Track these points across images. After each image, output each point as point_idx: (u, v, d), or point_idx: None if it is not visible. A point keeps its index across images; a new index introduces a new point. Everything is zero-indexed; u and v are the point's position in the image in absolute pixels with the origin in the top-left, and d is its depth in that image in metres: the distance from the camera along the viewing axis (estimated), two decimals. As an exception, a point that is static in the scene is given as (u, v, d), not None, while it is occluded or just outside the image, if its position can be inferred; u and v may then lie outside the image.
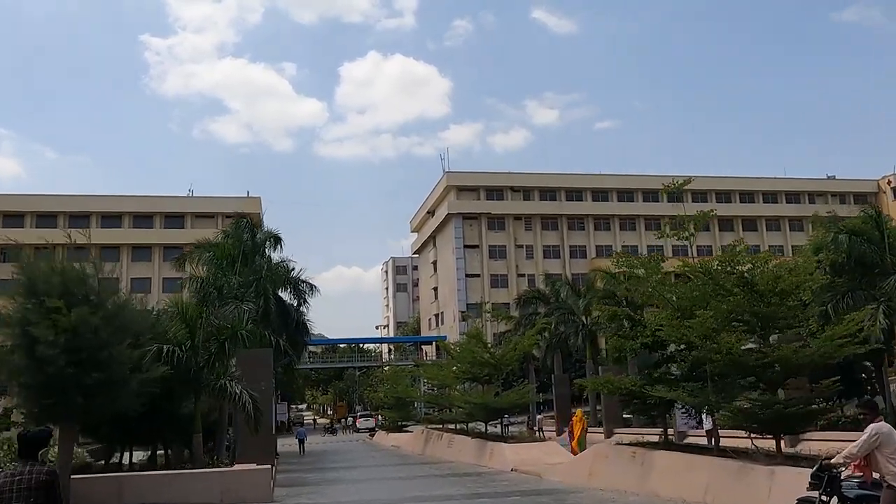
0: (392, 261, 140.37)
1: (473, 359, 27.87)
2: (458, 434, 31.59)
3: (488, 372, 28.96)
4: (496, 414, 27.10)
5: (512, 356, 26.96)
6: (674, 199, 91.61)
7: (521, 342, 27.01)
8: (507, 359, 27.00)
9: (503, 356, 26.88)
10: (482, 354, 27.66)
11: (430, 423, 43.72)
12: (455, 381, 32.15)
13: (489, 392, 26.64)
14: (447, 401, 32.50)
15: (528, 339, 27.14)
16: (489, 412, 26.89)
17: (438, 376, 34.85)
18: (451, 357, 31.11)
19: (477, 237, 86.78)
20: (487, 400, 25.96)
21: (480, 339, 27.55)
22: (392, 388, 48.45)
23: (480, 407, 26.49)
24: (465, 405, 27.53)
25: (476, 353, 27.77)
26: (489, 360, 27.21)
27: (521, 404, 27.08)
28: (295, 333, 37.44)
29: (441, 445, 33.13)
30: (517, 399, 26.16)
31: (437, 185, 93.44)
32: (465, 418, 30.67)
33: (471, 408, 27.27)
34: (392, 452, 41.27)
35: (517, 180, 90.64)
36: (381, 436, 54.94)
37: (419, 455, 36.27)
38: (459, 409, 29.58)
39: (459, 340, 37.42)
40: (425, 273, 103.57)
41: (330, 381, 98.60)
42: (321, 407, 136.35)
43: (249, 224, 31.18)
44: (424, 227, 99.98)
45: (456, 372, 30.84)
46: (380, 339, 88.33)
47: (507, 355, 26.90)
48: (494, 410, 26.64)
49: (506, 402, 26.02)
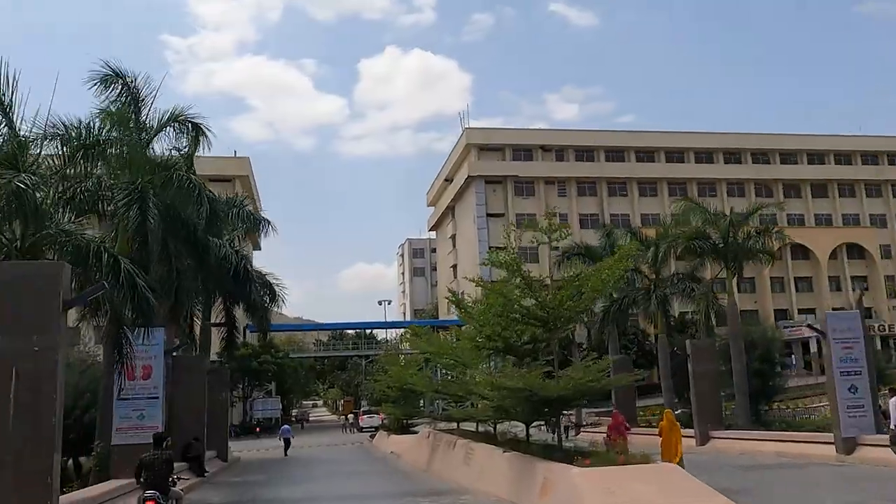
0: (408, 243, 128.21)
1: (506, 311, 15.55)
2: (481, 442, 19.41)
3: (532, 337, 16.70)
4: (549, 408, 14.77)
5: (577, 305, 14.60)
6: (732, 161, 79.15)
7: (599, 275, 14.56)
8: (567, 309, 14.66)
9: (560, 303, 14.54)
10: (523, 301, 15.36)
11: (437, 423, 31.56)
12: (476, 357, 19.83)
13: (535, 371, 14.34)
14: (463, 388, 20.33)
15: (615, 266, 14.56)
16: (535, 405, 14.53)
17: (447, 351, 22.56)
18: (469, 316, 18.86)
19: (502, 204, 74.32)
20: (533, 383, 13.60)
21: (519, 270, 15.21)
22: (395, 376, 36.41)
23: (521, 396, 14.09)
24: (494, 394, 14.95)
25: (513, 299, 15.45)
26: (537, 311, 14.86)
27: (590, 391, 14.59)
28: (240, 291, 25.43)
29: (454, 458, 20.98)
30: (587, 381, 13.75)
31: (455, 146, 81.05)
32: (492, 416, 18.43)
33: (504, 398, 14.85)
34: (383, 465, 29.18)
35: (548, 138, 78.02)
36: (380, 438, 42.85)
37: (421, 471, 24.14)
38: (484, 400, 17.05)
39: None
40: (443, 250, 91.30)
41: (332, 371, 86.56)
42: (333, 403, 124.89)
43: (132, 90, 18.92)
44: (442, 199, 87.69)
45: (479, 340, 18.50)
46: (385, 323, 76.06)
47: (565, 302, 14.52)
48: (546, 402, 14.31)
49: (567, 388, 13.69)
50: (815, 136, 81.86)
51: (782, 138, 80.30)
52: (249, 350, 63.07)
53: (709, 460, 21.76)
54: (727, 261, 28.29)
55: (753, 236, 28.33)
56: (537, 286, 15.39)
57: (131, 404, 16.32)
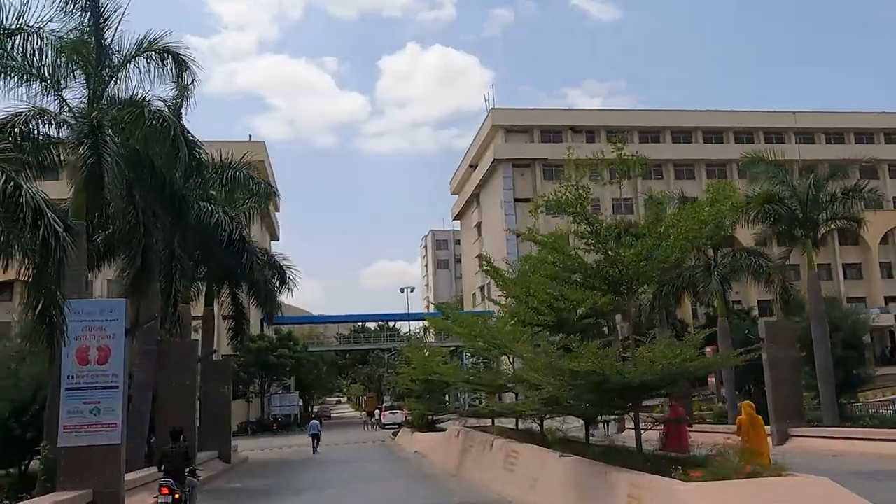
0: (431, 234, 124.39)
1: (562, 273, 11.76)
2: (525, 442, 15.69)
3: (591, 309, 12.93)
4: (625, 399, 10.91)
5: (667, 254, 10.74)
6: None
7: (697, 215, 10.69)
8: (648, 267, 10.83)
9: (638, 258, 10.66)
10: (581, 255, 11.60)
11: (466, 419, 27.87)
12: (518, 338, 15.94)
13: (609, 352, 10.46)
14: (500, 377, 16.42)
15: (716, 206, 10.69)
16: (607, 395, 10.62)
17: (481, 332, 18.65)
18: (509, 287, 14.94)
19: (530, 188, 70.15)
20: (609, 366, 9.71)
21: (584, 211, 11.44)
22: (420, 365, 32.72)
23: (590, 383, 10.17)
24: (549, 381, 10.87)
25: (572, 256, 11.68)
26: (606, 269, 11.03)
27: (682, 376, 10.67)
28: (236, 265, 21.83)
29: (491, 462, 17.22)
30: (683, 361, 9.87)
31: (480, 129, 77.11)
32: (540, 410, 14.60)
33: (563, 386, 10.92)
34: (406, 467, 25.49)
35: (579, 118, 73.78)
36: (403, 435, 39.23)
37: (450, 475, 20.43)
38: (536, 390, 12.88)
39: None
40: (468, 240, 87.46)
41: (353, 366, 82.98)
42: (356, 399, 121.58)
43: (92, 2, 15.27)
44: (466, 186, 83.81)
45: (525, 314, 14.60)
46: (407, 315, 72.25)
47: (648, 253, 10.67)
48: (624, 391, 10.40)
49: (655, 372, 9.81)
50: (862, 113, 76.71)
51: (827, 117, 75.31)
52: (266, 343, 59.88)
53: (804, 464, 17.73)
54: (806, 229, 24.22)
55: (840, 198, 24.05)
56: (609, 234, 11.57)
57: (83, 395, 12.76)
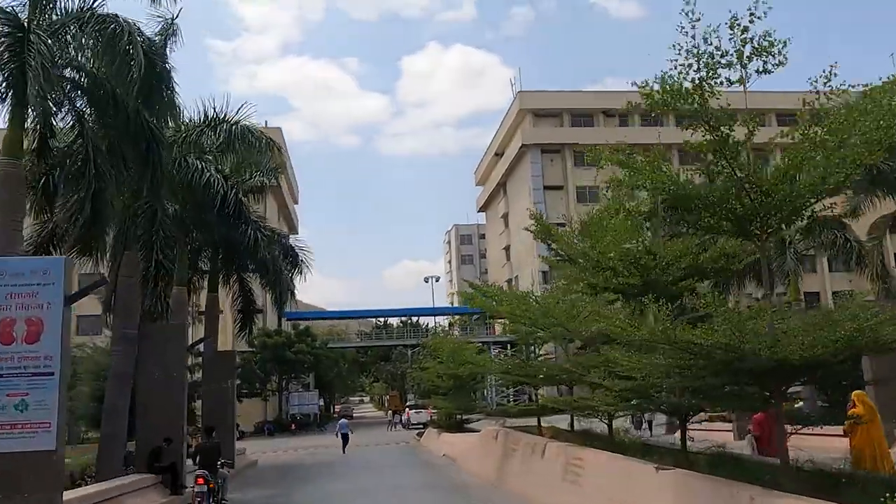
0: (455, 229, 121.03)
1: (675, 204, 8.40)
2: (591, 447, 12.15)
3: (691, 266, 9.36)
4: (765, 387, 7.33)
5: (833, 164, 7.20)
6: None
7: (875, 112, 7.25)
8: (799, 191, 7.31)
9: (785, 175, 7.12)
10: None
11: (503, 419, 24.41)
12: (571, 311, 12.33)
13: (760, 309, 6.93)
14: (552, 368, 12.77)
15: None
16: (741, 381, 7.04)
17: (530, 308, 14.94)
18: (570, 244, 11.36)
19: (560, 175, 66.53)
20: (749, 337, 6.09)
21: (706, 108, 7.91)
22: (448, 355, 29.32)
23: (720, 361, 6.59)
24: (664, 359, 7.19)
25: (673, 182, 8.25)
26: (733, 198, 7.50)
27: (863, 349, 7.23)
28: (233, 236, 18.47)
29: (545, 471, 13.67)
30: (876, 326, 6.42)
31: (506, 115, 73.45)
32: (615, 406, 11.02)
33: (670, 368, 7.33)
34: (435, 475, 21.97)
35: (611, 100, 69.63)
36: (429, 436, 35.73)
37: (489, 486, 16.89)
38: (619, 378, 9.17)
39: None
40: (494, 231, 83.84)
41: (375, 363, 79.60)
42: (379, 398, 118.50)
43: None
44: (492, 176, 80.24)
45: (601, 274, 10.99)
46: (430, 309, 68.86)
47: (800, 170, 7.16)
48: (774, 373, 6.86)
49: (828, 345, 6.29)
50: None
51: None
52: (283, 338, 56.81)
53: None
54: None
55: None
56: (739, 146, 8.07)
57: (5, 385, 9.47)
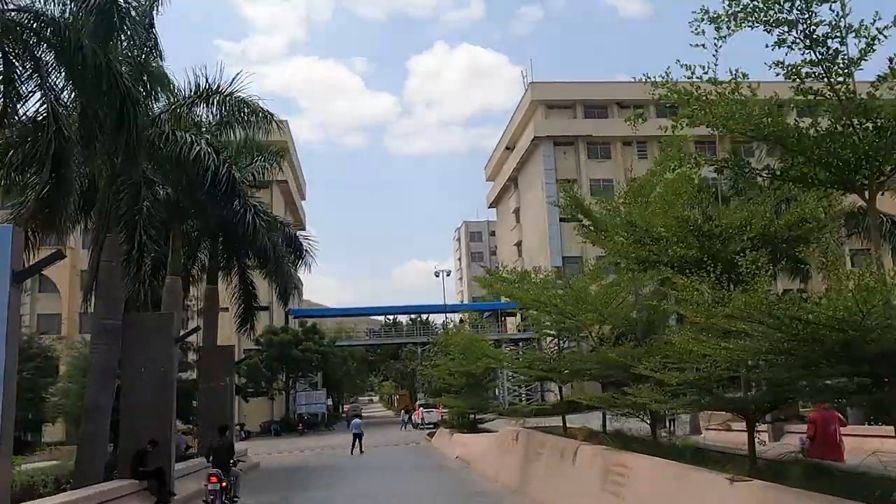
0: (465, 226, 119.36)
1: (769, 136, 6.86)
2: (633, 452, 10.43)
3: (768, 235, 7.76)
4: (875, 377, 5.74)
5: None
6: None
7: None
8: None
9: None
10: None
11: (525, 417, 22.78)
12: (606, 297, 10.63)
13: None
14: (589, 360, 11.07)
15: None
16: (858, 368, 5.53)
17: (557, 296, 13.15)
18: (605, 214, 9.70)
19: (573, 168, 64.74)
20: (878, 312, 4.64)
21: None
22: (460, 350, 27.71)
23: (835, 342, 5.05)
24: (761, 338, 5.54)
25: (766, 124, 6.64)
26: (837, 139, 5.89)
27: None
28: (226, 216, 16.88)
29: (575, 477, 12.05)
30: None
31: (517, 107, 71.73)
32: (662, 404, 9.36)
33: (758, 351, 5.75)
34: (449, 480, 20.34)
35: (626, 92, 67.83)
36: (441, 437, 34.09)
37: (511, 492, 15.22)
38: (685, 366, 7.52)
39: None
40: (505, 227, 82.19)
41: (384, 361, 78.02)
42: (388, 397, 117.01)
43: None
44: (503, 170, 78.56)
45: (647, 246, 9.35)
46: (440, 307, 67.24)
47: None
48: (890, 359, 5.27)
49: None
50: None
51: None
52: (290, 336, 55.39)
53: None
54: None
55: None
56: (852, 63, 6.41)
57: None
